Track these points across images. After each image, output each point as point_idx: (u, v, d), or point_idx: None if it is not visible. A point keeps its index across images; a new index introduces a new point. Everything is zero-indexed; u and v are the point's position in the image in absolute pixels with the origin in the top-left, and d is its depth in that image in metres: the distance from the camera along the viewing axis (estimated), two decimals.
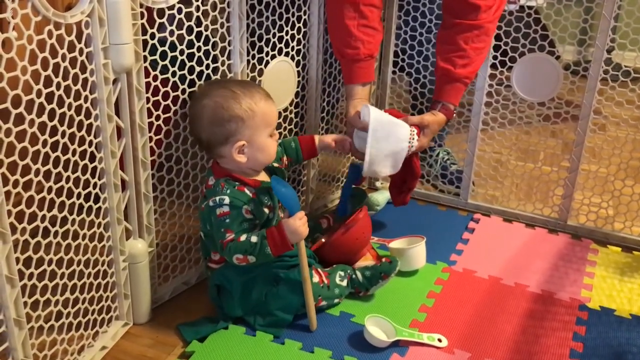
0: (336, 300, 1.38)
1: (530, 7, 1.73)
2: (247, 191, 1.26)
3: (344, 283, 1.38)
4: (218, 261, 1.33)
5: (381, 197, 1.85)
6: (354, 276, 1.40)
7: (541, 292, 1.48)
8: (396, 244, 1.57)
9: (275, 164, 1.39)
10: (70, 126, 1.05)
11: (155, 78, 1.23)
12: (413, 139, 1.45)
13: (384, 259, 1.43)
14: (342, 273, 1.39)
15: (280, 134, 1.55)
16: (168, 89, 1.26)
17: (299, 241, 1.26)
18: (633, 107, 1.67)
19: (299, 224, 1.24)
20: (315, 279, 1.34)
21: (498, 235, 1.75)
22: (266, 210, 1.30)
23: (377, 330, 1.29)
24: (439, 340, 1.29)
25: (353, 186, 1.67)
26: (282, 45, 1.51)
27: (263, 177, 1.34)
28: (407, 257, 1.51)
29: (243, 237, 1.22)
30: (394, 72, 1.91)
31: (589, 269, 1.59)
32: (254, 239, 1.22)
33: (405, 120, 1.49)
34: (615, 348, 1.30)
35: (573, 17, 1.71)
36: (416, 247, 1.51)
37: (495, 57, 1.74)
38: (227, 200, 1.23)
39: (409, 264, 1.51)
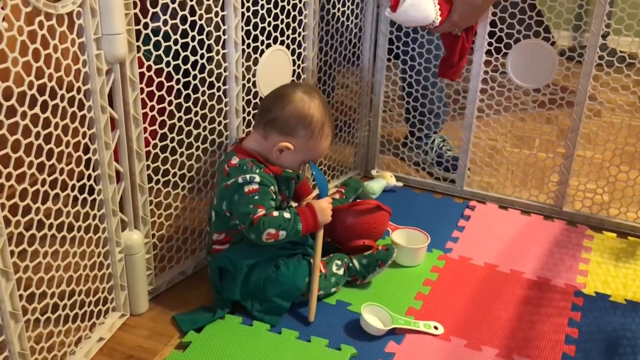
0: (333, 289, 1.38)
1: None
2: (271, 175, 1.30)
3: (341, 272, 1.39)
4: (223, 241, 1.33)
5: (376, 185, 1.86)
6: (350, 264, 1.40)
7: (537, 278, 1.49)
8: (398, 235, 1.57)
9: None
10: (63, 118, 1.04)
11: (149, 68, 1.22)
12: (435, 21, 1.56)
13: (380, 247, 1.44)
14: (339, 262, 1.39)
15: None
16: (162, 79, 1.25)
17: (326, 222, 1.33)
18: (628, 92, 1.67)
19: (327, 205, 1.32)
20: None
21: (494, 222, 1.76)
22: (280, 198, 1.33)
23: (374, 318, 1.29)
24: (435, 327, 1.30)
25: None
26: (278, 33, 1.50)
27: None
28: (410, 254, 1.52)
29: (276, 213, 1.26)
30: (388, 60, 1.91)
31: (584, 255, 1.59)
32: (287, 214, 1.27)
33: None
34: (611, 333, 1.31)
35: (568, 3, 1.70)
36: (421, 248, 1.52)
37: (490, 44, 1.73)
38: (257, 178, 1.26)
39: (410, 260, 1.52)
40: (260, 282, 1.31)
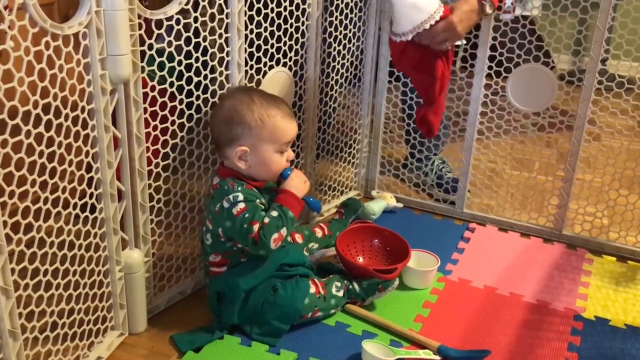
0: (332, 311, 1.38)
1: (525, 18, 1.75)
2: (254, 190, 1.31)
3: (340, 293, 1.38)
4: (219, 263, 1.33)
5: (376, 206, 1.86)
6: (350, 287, 1.40)
7: (536, 302, 1.49)
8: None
9: None
10: (67, 137, 1.05)
11: (152, 88, 1.23)
12: (435, 14, 1.53)
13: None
14: (338, 284, 1.39)
15: None
16: (166, 99, 1.26)
17: (305, 190, 1.34)
18: (627, 117, 1.68)
19: (295, 177, 1.33)
20: (312, 289, 1.34)
21: (493, 245, 1.76)
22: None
23: (376, 350, 1.25)
24: (434, 353, 1.29)
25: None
26: (280, 55, 1.51)
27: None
28: (419, 277, 1.51)
29: (266, 219, 1.26)
30: (389, 82, 1.92)
31: (584, 279, 1.59)
32: (274, 213, 1.27)
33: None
34: (610, 358, 1.30)
35: (567, 28, 1.72)
36: (431, 270, 1.52)
37: (490, 67, 1.75)
38: (241, 196, 1.26)
39: (419, 283, 1.52)
40: (259, 306, 1.31)
